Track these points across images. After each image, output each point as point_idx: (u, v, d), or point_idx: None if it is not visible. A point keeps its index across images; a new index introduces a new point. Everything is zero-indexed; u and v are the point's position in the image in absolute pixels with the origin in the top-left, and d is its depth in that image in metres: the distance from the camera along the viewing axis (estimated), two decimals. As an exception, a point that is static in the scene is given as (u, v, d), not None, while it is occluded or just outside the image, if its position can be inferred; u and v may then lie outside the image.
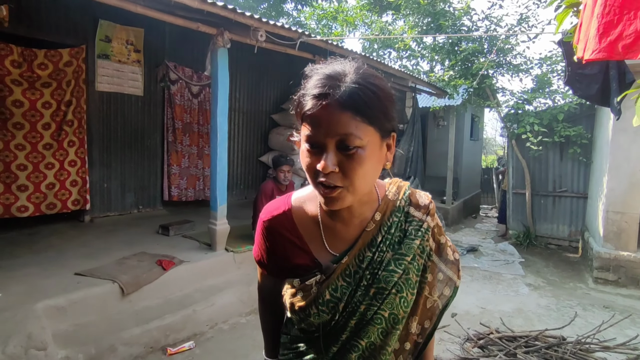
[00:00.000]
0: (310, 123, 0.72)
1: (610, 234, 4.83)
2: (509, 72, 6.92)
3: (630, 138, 4.57)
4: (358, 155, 0.70)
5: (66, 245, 3.87)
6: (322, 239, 0.86)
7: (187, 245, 4.10)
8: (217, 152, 3.85)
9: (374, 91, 0.72)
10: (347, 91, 0.69)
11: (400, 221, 0.86)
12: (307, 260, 0.87)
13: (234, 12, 3.32)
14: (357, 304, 0.82)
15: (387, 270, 0.82)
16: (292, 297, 0.87)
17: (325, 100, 0.69)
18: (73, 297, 2.75)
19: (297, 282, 0.87)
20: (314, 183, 0.75)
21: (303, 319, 0.86)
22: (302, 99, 0.74)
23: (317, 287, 0.84)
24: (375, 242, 0.84)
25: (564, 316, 3.96)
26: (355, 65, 0.76)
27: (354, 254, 0.84)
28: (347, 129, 0.69)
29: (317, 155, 0.72)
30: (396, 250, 0.84)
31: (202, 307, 3.32)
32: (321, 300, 0.83)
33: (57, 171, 4.43)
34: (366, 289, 0.82)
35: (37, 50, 4.21)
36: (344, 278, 0.83)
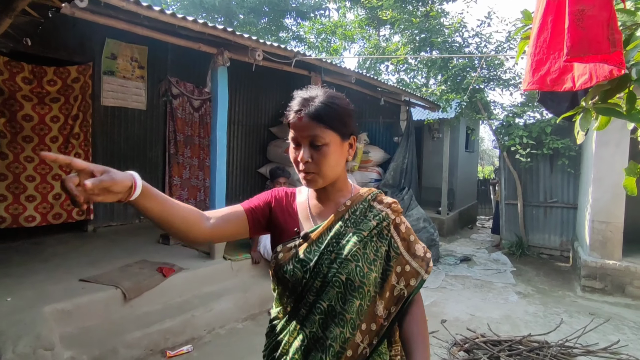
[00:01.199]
0: (292, 129, 1.03)
1: (596, 242, 4.99)
2: (499, 87, 7.16)
3: (612, 151, 4.76)
4: (324, 150, 1.00)
5: (71, 254, 4.03)
6: (309, 214, 1.13)
7: (186, 254, 4.25)
8: (217, 165, 4.04)
9: (333, 108, 1.02)
10: (315, 107, 1.00)
11: (364, 208, 1.11)
12: (291, 226, 1.11)
13: (233, 34, 3.55)
14: (322, 266, 1.03)
15: (346, 241, 1.05)
16: (276, 258, 1.08)
17: (300, 113, 1.00)
18: (78, 301, 2.91)
19: (281, 246, 1.09)
20: (298, 170, 1.04)
21: (280, 278, 1.06)
22: (287, 113, 1.05)
23: (295, 248, 1.07)
24: (343, 219, 1.08)
25: (551, 323, 4.09)
26: (325, 90, 1.07)
27: (326, 226, 1.08)
28: (315, 131, 0.99)
29: (298, 150, 1.03)
30: (356, 227, 1.07)
31: (201, 312, 3.46)
32: (297, 258, 1.05)
33: (63, 182, 4.61)
34: (330, 254, 1.04)
35: (47, 68, 4.45)
36: (316, 244, 1.06)
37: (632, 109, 1.41)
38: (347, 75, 5.27)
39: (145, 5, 2.86)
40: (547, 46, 1.18)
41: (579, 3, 0.96)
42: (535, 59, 1.22)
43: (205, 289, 3.76)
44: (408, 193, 6.68)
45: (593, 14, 0.95)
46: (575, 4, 0.97)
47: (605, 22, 0.95)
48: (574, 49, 0.94)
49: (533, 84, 1.23)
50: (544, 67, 1.20)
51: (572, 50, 0.94)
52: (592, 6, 0.95)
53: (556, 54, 1.17)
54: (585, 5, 0.96)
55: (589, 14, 0.95)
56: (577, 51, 0.94)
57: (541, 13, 1.19)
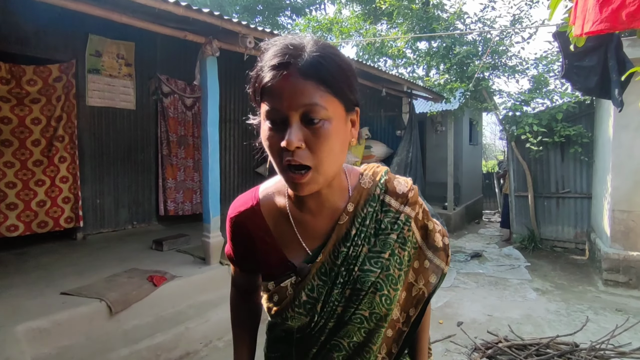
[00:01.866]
0: (270, 97, 0.65)
1: (618, 233, 4.68)
2: (504, 74, 6.86)
3: (632, 135, 4.46)
4: (324, 129, 0.64)
5: (56, 264, 3.75)
6: (296, 236, 0.79)
7: (180, 260, 3.97)
8: (209, 163, 3.75)
9: (336, 61, 0.67)
10: (309, 60, 0.64)
11: (375, 211, 0.79)
12: (278, 261, 0.80)
13: (221, 19, 3.26)
14: (334, 304, 0.76)
15: (362, 270, 0.75)
16: (268, 301, 0.82)
17: (287, 69, 0.63)
18: (57, 317, 2.62)
19: (272, 284, 0.81)
20: (280, 167, 0.67)
21: (280, 324, 0.82)
22: (259, 73, 0.66)
23: (292, 288, 0.78)
24: (349, 236, 0.76)
25: (575, 321, 3.80)
26: (314, 37, 0.69)
27: (329, 250, 0.77)
28: (312, 98, 0.63)
29: (279, 132, 0.64)
30: (372, 246, 0.77)
31: (196, 324, 3.17)
32: (297, 302, 0.77)
33: (47, 188, 4.34)
34: (343, 288, 0.76)
35: (26, 67, 4.17)
36: (319, 277, 0.77)
37: None
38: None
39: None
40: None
41: None
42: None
43: (200, 298, 3.47)
44: (414, 188, 6.39)
45: None
46: None
47: None
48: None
49: (601, 22, 0.92)
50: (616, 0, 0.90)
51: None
52: None
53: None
54: None
55: None
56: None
57: None
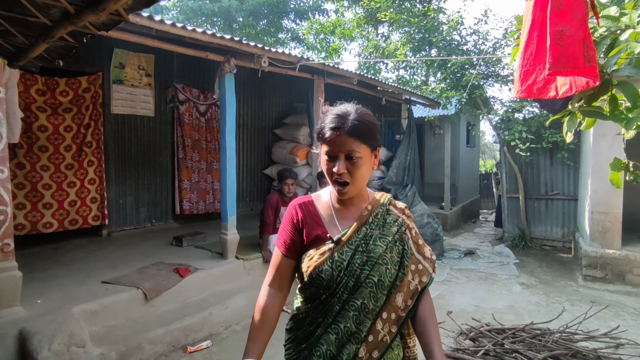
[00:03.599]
0: (329, 144, 1.14)
1: (596, 233, 5.12)
2: (497, 83, 7.29)
3: (610, 143, 4.89)
4: (358, 162, 1.13)
5: (89, 258, 4.21)
6: (334, 218, 1.24)
7: (200, 255, 4.42)
8: (227, 168, 4.20)
9: (366, 124, 1.14)
10: (351, 125, 1.12)
11: (382, 212, 1.26)
12: (321, 233, 1.22)
13: (240, 43, 3.70)
14: (354, 267, 1.16)
15: (374, 244, 1.19)
16: (309, 260, 1.19)
17: (339, 131, 1.12)
18: (103, 302, 3.08)
19: (314, 250, 1.20)
20: (332, 181, 1.17)
21: (315, 278, 1.16)
22: (323, 130, 1.15)
23: (329, 251, 1.18)
24: (367, 222, 1.22)
25: (553, 311, 4.23)
26: (355, 107, 1.18)
27: (354, 229, 1.20)
28: (351, 147, 1.12)
29: (332, 162, 1.14)
30: (381, 231, 1.21)
31: (217, 310, 3.62)
32: (331, 260, 1.16)
33: (78, 189, 4.79)
34: (361, 255, 1.17)
35: (59, 79, 4.61)
36: (347, 245, 1.18)
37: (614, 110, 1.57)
38: (349, 77, 5.42)
39: (157, 20, 3.01)
40: (533, 59, 1.33)
41: (559, 24, 1.11)
42: (522, 70, 1.37)
43: (220, 288, 3.93)
44: (411, 190, 6.83)
45: (571, 34, 1.10)
46: (555, 25, 1.12)
47: (581, 41, 1.10)
48: (555, 64, 1.09)
49: (522, 92, 1.38)
50: (530, 78, 1.35)
51: (553, 65, 1.09)
52: (570, 27, 1.10)
53: (541, 65, 1.32)
54: (564, 26, 1.11)
55: (567, 34, 1.11)
56: (558, 66, 1.09)
57: (527, 29, 1.34)
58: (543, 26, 1.25)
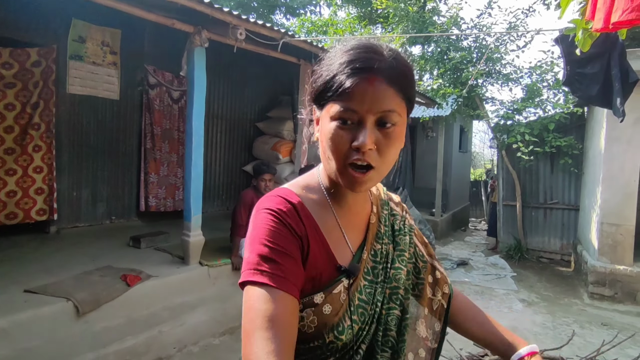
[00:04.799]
0: (347, 98, 0.64)
1: (605, 247, 4.66)
2: (498, 82, 6.84)
3: (624, 147, 4.45)
4: (394, 132, 0.66)
5: (24, 259, 3.53)
6: (341, 231, 0.75)
7: (158, 259, 3.79)
8: (192, 158, 3.58)
9: (411, 70, 0.70)
10: (394, 66, 0.66)
11: (388, 214, 0.86)
12: (326, 262, 0.71)
13: (211, 7, 3.11)
14: (377, 305, 0.74)
15: (394, 268, 0.78)
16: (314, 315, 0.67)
17: (372, 73, 0.64)
18: (18, 318, 2.43)
19: (321, 295, 0.68)
20: (341, 164, 0.66)
21: (326, 345, 0.67)
22: (337, 75, 0.65)
23: (345, 293, 0.70)
24: (380, 234, 0.80)
25: (561, 334, 3.74)
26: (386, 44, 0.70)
27: (369, 247, 0.77)
28: (391, 105, 0.65)
29: (351, 132, 0.65)
30: (395, 246, 0.81)
31: (170, 327, 3.01)
32: (352, 307, 0.70)
33: (19, 178, 4.10)
34: (382, 287, 0.75)
35: (2, 49, 3.94)
36: (364, 277, 0.74)
37: None
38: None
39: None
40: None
41: None
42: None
43: (176, 300, 3.30)
44: (402, 193, 6.29)
45: None
46: None
47: None
48: None
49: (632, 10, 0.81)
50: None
51: None
52: None
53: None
54: None
55: None
56: None
57: None
58: None
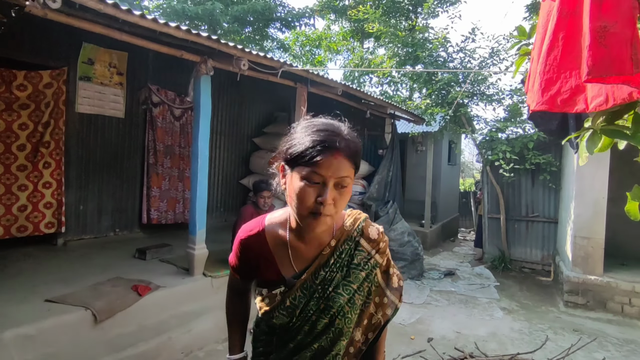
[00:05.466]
0: (317, 166, 0.88)
1: (578, 258, 5.03)
2: (482, 102, 7.26)
3: (594, 168, 4.84)
4: (346, 190, 0.93)
5: (37, 270, 3.76)
6: (289, 257, 1.06)
7: (164, 270, 4.04)
8: (198, 177, 3.87)
9: (358, 144, 0.96)
10: (348, 145, 0.91)
11: (350, 248, 1.07)
12: (274, 275, 1.07)
13: (218, 42, 3.42)
14: (309, 313, 1.04)
15: (335, 292, 1.03)
16: (261, 302, 1.10)
17: (334, 150, 0.89)
18: (43, 325, 2.67)
19: (266, 291, 1.08)
20: (306, 213, 0.91)
21: (267, 320, 1.10)
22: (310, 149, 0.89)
23: (280, 295, 1.05)
24: (328, 264, 1.04)
25: (536, 340, 4.06)
26: (341, 123, 0.98)
27: (311, 271, 1.04)
28: (346, 172, 0.90)
29: (315, 190, 0.90)
30: (344, 275, 1.05)
31: (178, 334, 3.26)
32: (282, 306, 1.05)
33: (30, 193, 4.34)
34: (317, 301, 1.03)
35: (17, 72, 4.21)
36: (301, 290, 1.04)
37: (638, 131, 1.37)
38: (334, 87, 5.21)
39: (124, 9, 2.71)
40: (557, 65, 1.12)
41: (601, 19, 0.89)
42: (544, 77, 1.15)
43: (183, 308, 3.56)
44: (393, 206, 6.63)
45: (616, 32, 0.89)
46: (596, 20, 0.90)
47: (628, 41, 0.89)
48: (595, 68, 0.87)
49: (542, 104, 1.16)
50: (554, 87, 1.14)
51: (593, 69, 0.87)
52: (615, 23, 0.89)
53: (567, 73, 1.10)
54: (607, 22, 0.89)
55: (612, 31, 0.89)
56: (599, 71, 0.87)
57: (551, 29, 1.12)
58: (574, 24, 1.04)
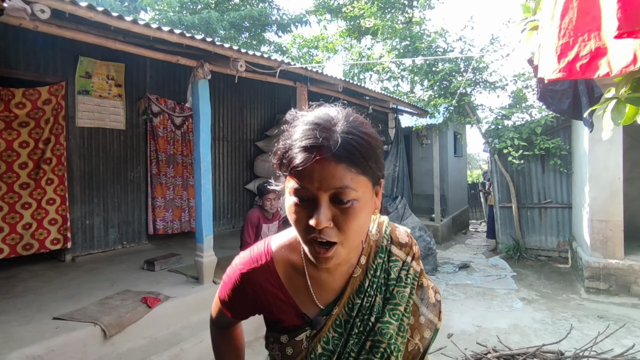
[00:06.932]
0: (299, 176, 0.64)
1: (597, 242, 4.87)
2: (485, 89, 7.12)
3: (606, 148, 4.69)
4: (353, 208, 0.64)
5: (45, 288, 3.71)
6: (310, 291, 0.80)
7: (173, 280, 3.98)
8: (202, 183, 3.80)
9: (366, 140, 0.66)
10: (341, 142, 0.63)
11: (384, 262, 0.83)
12: (293, 315, 0.81)
13: (213, 45, 3.36)
14: (349, 355, 0.78)
15: (381, 322, 0.78)
16: (280, 352, 0.81)
17: (319, 153, 0.62)
18: (51, 343, 2.61)
19: (285, 337, 0.80)
20: (305, 239, 0.68)
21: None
22: (289, 151, 0.66)
23: (307, 341, 0.79)
24: (363, 288, 0.80)
25: (560, 329, 3.93)
26: (344, 112, 0.70)
27: (343, 302, 0.80)
28: (343, 182, 0.63)
29: (307, 209, 0.65)
30: (386, 298, 0.81)
31: (191, 344, 3.18)
32: (313, 355, 0.78)
33: (33, 210, 4.31)
34: (358, 338, 0.78)
35: (15, 90, 4.18)
36: (334, 329, 0.79)
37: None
38: (334, 84, 5.12)
39: (115, 16, 2.65)
40: (574, 27, 1.02)
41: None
42: (560, 42, 1.05)
43: (194, 318, 3.48)
44: (402, 202, 6.52)
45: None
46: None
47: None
48: (627, 20, 0.77)
49: (559, 71, 1.06)
50: (571, 52, 1.04)
51: (625, 22, 0.77)
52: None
53: (586, 35, 1.00)
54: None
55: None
56: (632, 23, 0.77)
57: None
58: (592, -21, 0.94)
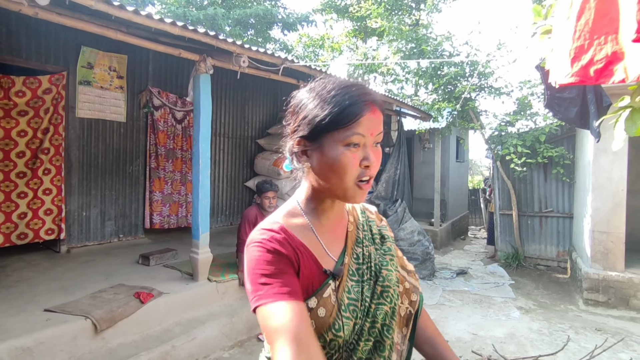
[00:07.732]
0: (356, 126, 0.75)
1: (598, 254, 4.82)
2: (490, 95, 7.07)
3: (611, 159, 4.63)
4: (380, 148, 0.82)
5: (38, 279, 3.68)
6: (322, 246, 0.86)
7: (168, 276, 3.93)
8: (200, 179, 3.76)
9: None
10: (379, 97, 0.80)
11: (366, 220, 0.97)
12: (316, 271, 0.82)
13: (216, 39, 3.31)
14: (367, 302, 0.84)
15: (386, 269, 0.89)
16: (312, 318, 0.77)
17: (373, 104, 0.77)
18: (40, 336, 2.57)
19: (314, 300, 0.78)
20: (352, 182, 0.77)
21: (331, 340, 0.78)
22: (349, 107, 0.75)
23: (334, 295, 0.81)
24: (359, 239, 0.91)
25: (557, 340, 3.87)
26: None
27: (349, 252, 0.88)
28: (381, 127, 0.80)
29: (357, 153, 0.77)
30: (377, 248, 0.93)
31: (182, 342, 3.14)
32: (343, 307, 0.81)
33: (30, 200, 4.27)
34: (369, 284, 0.86)
35: (15, 77, 4.14)
36: (350, 278, 0.85)
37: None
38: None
39: (116, 5, 2.61)
40: (590, 29, 0.97)
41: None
42: (574, 45, 1.00)
43: (187, 315, 3.44)
44: (401, 205, 6.47)
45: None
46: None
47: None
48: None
49: (572, 75, 1.01)
50: (585, 56, 0.99)
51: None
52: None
53: (602, 38, 0.95)
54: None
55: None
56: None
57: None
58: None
